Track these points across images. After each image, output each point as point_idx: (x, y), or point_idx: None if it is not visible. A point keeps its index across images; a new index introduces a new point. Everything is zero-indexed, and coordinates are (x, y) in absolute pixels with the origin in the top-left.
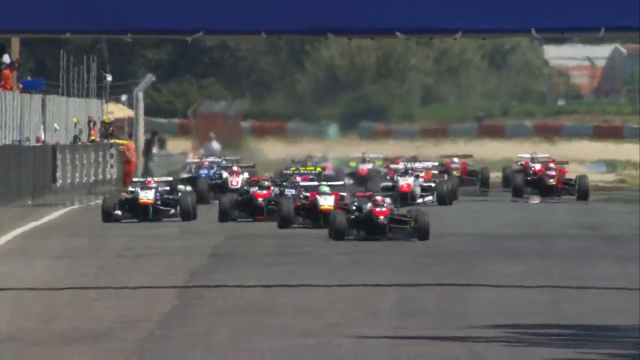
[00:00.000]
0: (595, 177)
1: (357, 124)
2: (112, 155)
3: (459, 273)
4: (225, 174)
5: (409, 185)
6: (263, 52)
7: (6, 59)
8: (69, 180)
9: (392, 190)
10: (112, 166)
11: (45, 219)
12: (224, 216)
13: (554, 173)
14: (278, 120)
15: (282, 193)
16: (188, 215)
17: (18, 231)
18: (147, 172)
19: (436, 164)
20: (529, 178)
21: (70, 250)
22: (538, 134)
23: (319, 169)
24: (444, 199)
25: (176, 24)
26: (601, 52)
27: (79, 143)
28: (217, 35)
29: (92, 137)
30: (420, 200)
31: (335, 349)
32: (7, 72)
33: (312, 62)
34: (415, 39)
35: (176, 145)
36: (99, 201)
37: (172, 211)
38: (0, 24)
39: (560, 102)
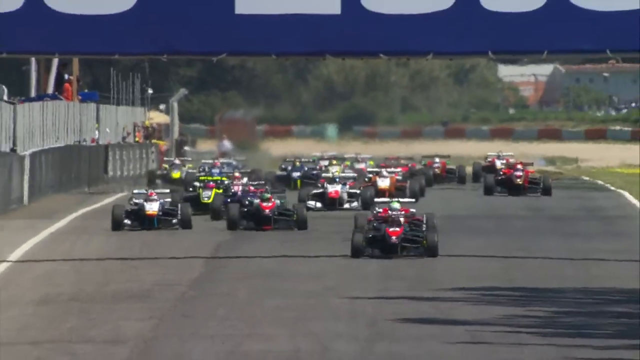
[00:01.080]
0: (539, 170)
1: (351, 127)
2: (152, 152)
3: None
4: (227, 181)
5: (336, 192)
6: (274, 71)
7: (65, 76)
8: (118, 173)
9: (322, 197)
10: (152, 161)
11: (99, 203)
12: (232, 225)
13: (520, 174)
14: (286, 124)
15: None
16: (188, 224)
17: (78, 213)
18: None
19: (399, 170)
20: (499, 178)
21: None
22: (493, 137)
23: (224, 179)
24: (368, 204)
25: (204, 47)
26: (544, 70)
27: (126, 143)
28: (237, 56)
29: (137, 138)
30: (347, 206)
31: (332, 307)
32: (67, 85)
33: (313, 78)
34: (395, 60)
35: (204, 145)
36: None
37: (174, 221)
38: (62, 46)
39: (511, 111)
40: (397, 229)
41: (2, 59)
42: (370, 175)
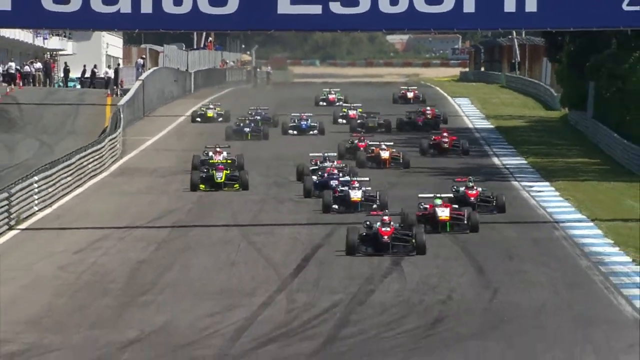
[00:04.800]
0: (404, 82)
1: (326, 61)
2: (245, 72)
3: None
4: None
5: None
6: (293, 37)
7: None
8: (230, 79)
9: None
10: (244, 76)
11: (223, 92)
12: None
13: (446, 140)
14: (298, 59)
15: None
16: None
17: (214, 96)
18: (254, 80)
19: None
20: (430, 142)
21: (236, 105)
22: (385, 66)
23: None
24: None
25: (265, 26)
26: (405, 37)
27: (233, 68)
28: (278, 30)
29: (238, 66)
30: None
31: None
32: (209, 44)
33: (311, 40)
34: (345, 32)
35: (263, 69)
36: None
37: (375, 206)
38: (206, 26)
39: (391, 55)
40: (389, 228)
41: (177, 34)
42: (374, 148)
